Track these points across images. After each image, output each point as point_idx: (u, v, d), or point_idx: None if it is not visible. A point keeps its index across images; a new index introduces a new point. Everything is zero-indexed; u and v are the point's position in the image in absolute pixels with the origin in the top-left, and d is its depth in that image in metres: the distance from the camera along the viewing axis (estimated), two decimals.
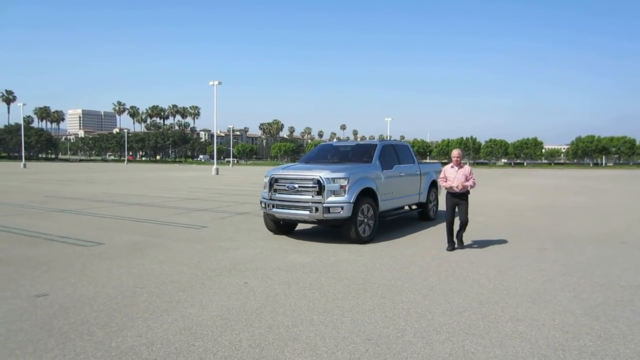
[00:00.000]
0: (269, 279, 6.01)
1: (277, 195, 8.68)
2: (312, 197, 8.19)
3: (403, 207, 10.92)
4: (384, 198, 9.24)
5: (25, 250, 7.71)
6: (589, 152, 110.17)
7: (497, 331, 4.27)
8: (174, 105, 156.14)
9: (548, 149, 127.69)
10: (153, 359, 3.65)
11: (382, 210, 9.30)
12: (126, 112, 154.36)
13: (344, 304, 5.04)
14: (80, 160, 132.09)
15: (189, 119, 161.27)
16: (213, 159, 55.32)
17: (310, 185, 8.23)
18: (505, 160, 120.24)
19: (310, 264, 6.90)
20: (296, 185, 8.41)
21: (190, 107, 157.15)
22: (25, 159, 69.23)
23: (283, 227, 9.35)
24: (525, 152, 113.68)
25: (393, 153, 10.26)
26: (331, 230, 9.66)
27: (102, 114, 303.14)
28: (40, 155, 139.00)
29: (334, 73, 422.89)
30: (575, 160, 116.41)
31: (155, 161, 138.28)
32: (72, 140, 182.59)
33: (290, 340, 4.04)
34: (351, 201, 8.14)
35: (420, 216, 11.79)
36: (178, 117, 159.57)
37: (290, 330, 4.25)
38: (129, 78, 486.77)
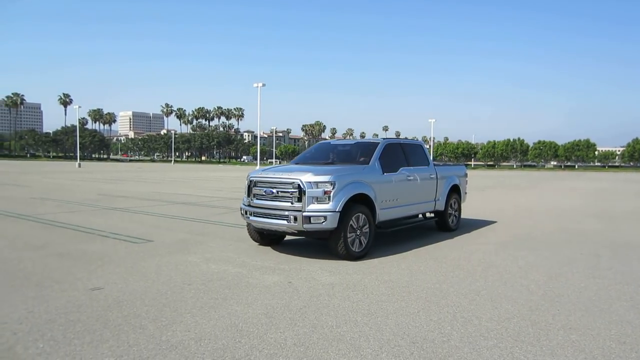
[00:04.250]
0: (313, 279, 6.05)
1: (256, 201, 7.62)
2: (292, 204, 7.06)
3: (417, 216, 9.69)
4: (385, 206, 7.98)
5: (82, 245, 8.10)
6: None
7: (547, 339, 4.12)
8: (219, 107, 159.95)
9: (601, 151, 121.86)
10: (201, 353, 3.75)
11: (384, 220, 8.11)
12: (173, 113, 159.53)
13: (388, 306, 5.01)
14: (130, 160, 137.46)
15: (233, 121, 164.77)
16: (256, 159, 56.22)
17: (290, 190, 7.10)
18: (555, 163, 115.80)
19: (354, 265, 6.90)
20: (274, 190, 7.33)
21: (234, 108, 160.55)
22: (79, 159, 72.77)
23: (269, 237, 8.26)
24: (577, 155, 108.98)
25: (400, 153, 8.95)
26: None
27: (151, 115, 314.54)
28: (93, 155, 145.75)
29: (378, 77, 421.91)
30: (631, 163, 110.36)
31: (201, 162, 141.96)
32: (122, 141, 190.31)
33: (334, 340, 4.05)
34: (337, 210, 6.94)
35: (438, 226, 10.32)
36: (223, 119, 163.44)
37: (334, 331, 4.27)
38: (176, 78, 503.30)
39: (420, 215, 9.96)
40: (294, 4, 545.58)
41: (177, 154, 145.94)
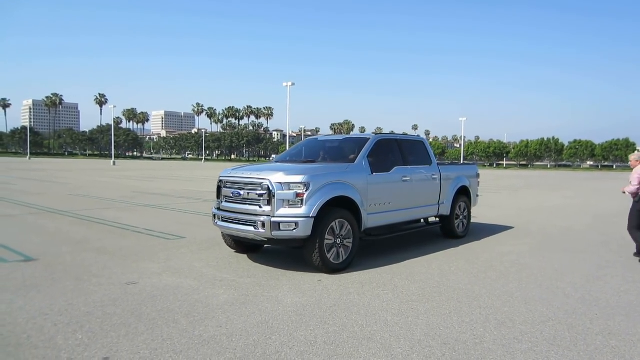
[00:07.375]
0: (343, 278, 6.04)
1: (224, 204, 6.82)
2: (260, 207, 6.19)
3: (418, 221, 8.73)
4: (374, 210, 7.04)
5: (117, 241, 8.33)
6: None
7: (585, 344, 4.00)
8: (249, 106, 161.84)
9: None
10: (233, 349, 3.80)
11: (373, 227, 7.17)
12: (204, 113, 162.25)
13: (419, 306, 4.95)
14: (162, 159, 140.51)
15: (262, 120, 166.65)
16: None
17: (259, 191, 6.23)
18: (592, 163, 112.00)
19: (384, 265, 6.85)
20: (241, 192, 6.50)
21: (264, 107, 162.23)
22: (114, 157, 74.87)
23: (244, 244, 7.32)
24: (615, 154, 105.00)
25: (395, 150, 7.93)
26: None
27: (182, 115, 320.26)
28: (127, 154, 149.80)
29: (409, 77, 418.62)
30: None
31: (231, 160, 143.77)
32: (155, 140, 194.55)
33: (364, 339, 4.04)
34: (310, 215, 6.02)
35: (443, 233, 9.26)
36: (252, 118, 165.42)
37: (365, 330, 4.25)
38: (206, 77, 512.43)
39: (423, 221, 8.98)
40: (325, 4, 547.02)
41: (207, 152, 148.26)
